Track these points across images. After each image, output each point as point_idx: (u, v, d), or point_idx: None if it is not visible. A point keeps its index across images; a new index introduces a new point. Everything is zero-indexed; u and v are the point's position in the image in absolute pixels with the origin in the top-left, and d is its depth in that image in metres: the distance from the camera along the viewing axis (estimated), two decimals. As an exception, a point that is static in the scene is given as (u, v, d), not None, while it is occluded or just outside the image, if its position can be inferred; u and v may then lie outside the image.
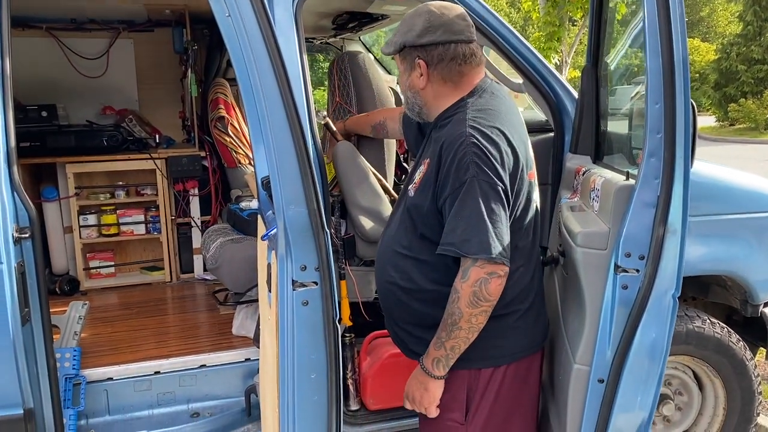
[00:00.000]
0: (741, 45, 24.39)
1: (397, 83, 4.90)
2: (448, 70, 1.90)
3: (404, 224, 1.94)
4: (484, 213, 1.73)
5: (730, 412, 2.99)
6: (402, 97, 2.05)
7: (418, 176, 1.95)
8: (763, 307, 3.01)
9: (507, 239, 1.76)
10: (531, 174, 1.94)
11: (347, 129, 3.09)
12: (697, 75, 31.41)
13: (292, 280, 1.72)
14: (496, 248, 1.72)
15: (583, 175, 2.39)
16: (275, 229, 1.75)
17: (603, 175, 2.19)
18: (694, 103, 1.96)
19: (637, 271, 1.86)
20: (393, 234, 1.99)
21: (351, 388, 2.89)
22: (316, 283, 1.74)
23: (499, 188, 1.76)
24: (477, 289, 1.74)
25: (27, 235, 2.23)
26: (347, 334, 2.86)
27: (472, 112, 1.85)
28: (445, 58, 1.89)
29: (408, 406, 1.96)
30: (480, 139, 1.77)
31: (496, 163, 1.77)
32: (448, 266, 1.84)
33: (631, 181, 1.94)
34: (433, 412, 1.91)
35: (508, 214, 1.79)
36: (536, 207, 1.98)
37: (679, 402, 3.02)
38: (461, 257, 1.76)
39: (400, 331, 2.03)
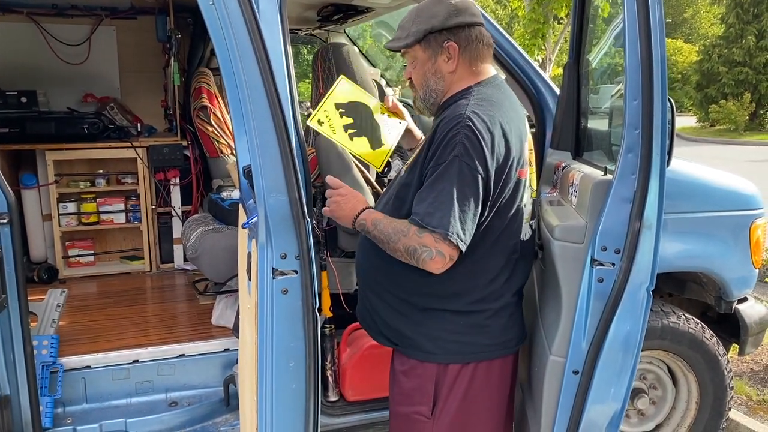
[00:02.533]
0: (723, 47, 24.65)
1: (381, 77, 4.92)
2: (476, 52, 1.94)
3: (393, 205, 1.95)
4: (455, 194, 1.73)
5: (702, 407, 3.05)
6: (418, 90, 2.01)
7: (411, 159, 1.99)
8: (737, 303, 3.07)
9: (470, 227, 1.76)
10: (522, 172, 1.94)
11: None
12: (680, 76, 31.74)
13: (272, 269, 1.72)
14: (455, 229, 1.72)
15: (563, 170, 2.41)
16: (256, 217, 1.75)
17: (582, 171, 2.21)
18: (672, 101, 1.99)
19: (613, 264, 1.89)
20: None
21: (330, 379, 2.90)
22: (296, 272, 1.74)
23: (479, 176, 1.76)
24: (419, 249, 1.75)
25: (5, 221, 2.21)
26: (327, 326, 2.87)
27: (475, 99, 1.88)
28: (473, 40, 1.93)
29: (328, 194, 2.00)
30: (476, 123, 1.78)
31: (485, 150, 1.76)
32: None
33: (609, 177, 1.97)
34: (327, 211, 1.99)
35: (479, 205, 1.78)
36: (525, 207, 1.99)
37: (654, 396, 3.07)
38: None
39: (376, 316, 2.04)
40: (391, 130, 2.19)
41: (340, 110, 2.11)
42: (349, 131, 2.11)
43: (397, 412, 2.05)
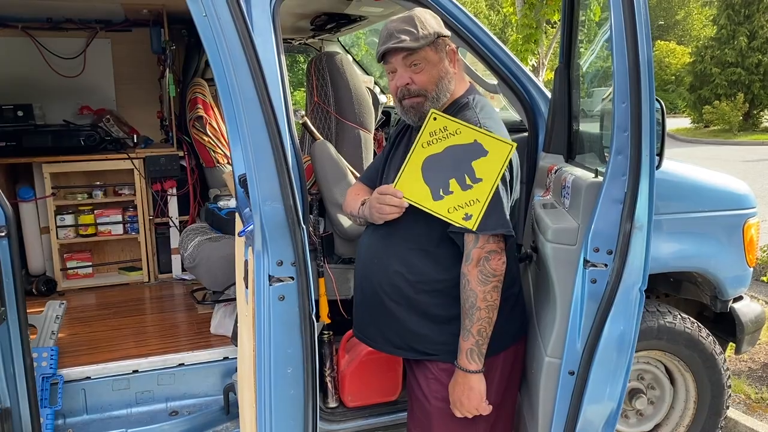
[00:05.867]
0: (715, 48, 24.74)
1: (375, 84, 4.95)
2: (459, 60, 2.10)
3: (404, 218, 1.97)
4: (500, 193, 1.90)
5: (700, 406, 3.06)
6: (428, 91, 2.01)
7: None
8: (732, 302, 3.09)
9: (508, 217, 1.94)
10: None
11: None
12: (673, 77, 31.86)
13: (269, 276, 1.74)
14: (497, 223, 1.88)
15: (555, 173, 2.43)
16: (252, 225, 1.77)
17: (574, 173, 2.24)
18: (662, 102, 2.02)
19: (606, 265, 1.91)
20: (391, 231, 2.02)
21: (329, 385, 2.91)
22: (292, 278, 1.76)
23: (507, 176, 1.93)
24: (481, 265, 1.87)
25: (3, 234, 2.23)
26: (326, 332, 2.88)
27: (478, 108, 2.02)
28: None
29: (458, 415, 1.98)
30: (493, 131, 1.94)
31: None
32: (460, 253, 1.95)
33: (600, 179, 1.99)
34: (486, 409, 1.97)
35: (511, 191, 1.99)
36: None
37: (652, 396, 3.08)
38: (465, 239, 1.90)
39: (401, 330, 2.06)
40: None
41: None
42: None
43: (437, 408, 2.06)
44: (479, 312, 1.88)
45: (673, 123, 24.51)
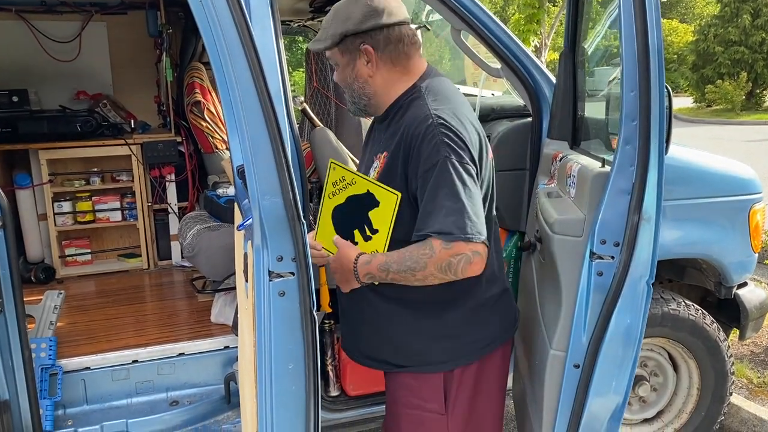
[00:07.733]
0: (718, 26, 24.55)
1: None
2: (396, 53, 1.87)
3: None
4: (461, 194, 1.69)
5: (703, 392, 3.06)
6: (346, 92, 1.98)
7: (373, 173, 1.90)
8: (737, 288, 3.07)
9: (482, 218, 1.73)
10: (490, 154, 1.94)
11: None
12: (675, 56, 31.63)
13: (269, 271, 1.70)
14: (476, 228, 1.69)
15: (560, 161, 2.39)
16: (251, 219, 1.73)
17: (579, 162, 2.20)
18: (669, 89, 1.97)
19: (612, 257, 1.87)
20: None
21: (331, 374, 2.90)
22: (292, 274, 1.72)
23: (471, 169, 1.74)
24: (453, 261, 1.70)
25: (-2, 224, 2.19)
26: (327, 321, 2.86)
27: (431, 96, 1.84)
28: (391, 41, 1.86)
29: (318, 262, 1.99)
30: (447, 119, 1.75)
31: (467, 143, 1.75)
32: None
33: (607, 168, 1.95)
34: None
35: (480, 192, 1.77)
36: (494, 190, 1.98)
37: (655, 383, 3.08)
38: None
39: (378, 343, 2.02)
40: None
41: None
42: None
43: (406, 413, 2.02)
44: (409, 276, 1.75)
45: (676, 102, 23.96)
